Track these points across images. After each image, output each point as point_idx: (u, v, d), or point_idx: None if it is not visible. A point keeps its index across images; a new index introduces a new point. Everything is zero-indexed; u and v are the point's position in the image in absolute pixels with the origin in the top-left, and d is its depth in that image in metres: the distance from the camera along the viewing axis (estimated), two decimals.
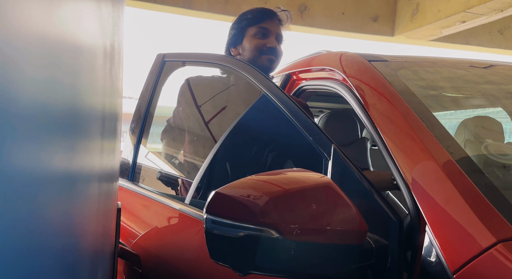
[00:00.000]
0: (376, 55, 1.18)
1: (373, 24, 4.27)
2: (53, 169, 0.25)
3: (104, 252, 0.69)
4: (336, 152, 0.77)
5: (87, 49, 0.31)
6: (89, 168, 0.44)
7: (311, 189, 0.64)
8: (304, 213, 0.62)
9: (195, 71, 1.49)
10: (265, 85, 1.00)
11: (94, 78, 0.36)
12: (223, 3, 3.54)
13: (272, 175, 0.70)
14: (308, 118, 0.87)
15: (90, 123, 0.43)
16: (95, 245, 0.56)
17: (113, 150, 0.77)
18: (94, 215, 0.53)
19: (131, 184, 1.34)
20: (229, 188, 0.64)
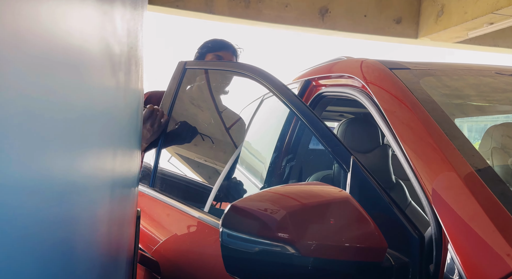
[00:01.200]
0: (398, 63, 1.16)
1: (396, 26, 4.19)
2: (69, 173, 0.26)
3: (123, 258, 0.70)
4: (356, 164, 0.76)
5: (109, 52, 0.32)
6: (106, 173, 0.44)
7: (329, 204, 0.64)
8: (321, 229, 0.62)
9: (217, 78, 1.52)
10: (284, 94, 1.00)
11: (114, 81, 0.37)
12: (244, 8, 3.56)
13: (289, 188, 0.70)
14: (327, 128, 0.87)
15: (109, 127, 0.44)
16: (113, 251, 0.57)
17: (132, 155, 0.78)
18: (112, 221, 0.54)
19: (152, 190, 1.36)
20: (245, 201, 0.64)
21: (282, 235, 0.60)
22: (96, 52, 0.32)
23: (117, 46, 0.47)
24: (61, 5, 0.15)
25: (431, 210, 0.65)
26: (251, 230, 0.60)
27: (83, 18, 0.23)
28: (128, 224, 0.76)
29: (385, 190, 0.70)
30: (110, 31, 0.39)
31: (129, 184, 0.74)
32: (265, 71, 1.13)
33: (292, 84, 1.72)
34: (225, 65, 1.33)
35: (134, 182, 0.86)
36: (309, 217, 0.62)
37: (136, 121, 0.67)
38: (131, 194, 0.78)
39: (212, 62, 1.45)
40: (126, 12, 0.40)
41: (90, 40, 0.20)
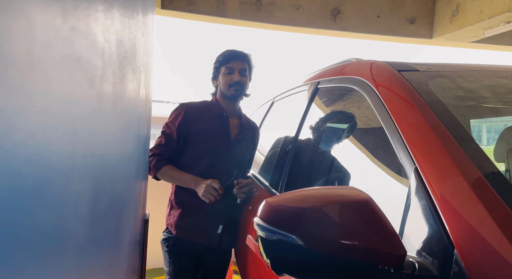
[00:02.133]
0: (407, 64, 1.15)
1: (410, 26, 4.13)
2: (74, 177, 0.26)
3: (131, 260, 0.71)
4: (416, 171, 0.75)
5: (118, 56, 0.33)
6: (112, 177, 0.45)
7: (348, 205, 0.66)
8: (335, 228, 0.64)
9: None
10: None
11: (123, 83, 0.38)
12: (255, 10, 3.57)
13: (316, 190, 0.74)
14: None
15: (128, 125, 0.45)
16: (121, 254, 0.58)
17: (139, 159, 0.79)
18: (119, 224, 0.55)
19: None
20: (276, 198, 0.71)
21: (296, 230, 0.65)
22: (106, 56, 0.33)
23: (132, 50, 0.48)
24: (66, 12, 0.15)
25: (436, 215, 0.64)
26: (275, 222, 0.67)
27: (86, 25, 0.24)
28: (134, 227, 0.78)
29: (431, 198, 0.69)
30: (122, 35, 0.40)
31: (137, 188, 0.75)
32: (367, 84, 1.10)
33: (302, 86, 1.72)
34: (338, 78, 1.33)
35: (141, 187, 0.87)
36: (326, 216, 0.64)
37: (142, 126, 0.69)
38: (139, 198, 0.79)
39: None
40: (132, 18, 0.41)
41: (92, 47, 0.21)
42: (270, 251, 0.69)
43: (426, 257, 0.64)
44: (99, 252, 0.37)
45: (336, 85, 1.35)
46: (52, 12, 0.13)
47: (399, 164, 0.80)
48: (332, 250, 0.64)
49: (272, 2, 3.63)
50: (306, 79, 1.74)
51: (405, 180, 0.78)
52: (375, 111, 0.99)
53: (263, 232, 0.69)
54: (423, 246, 0.66)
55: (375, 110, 0.99)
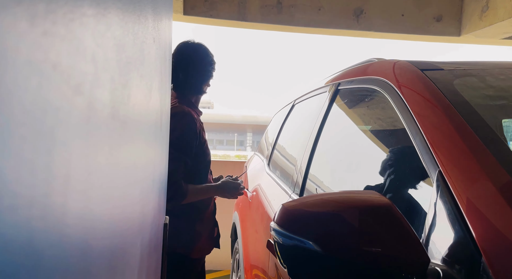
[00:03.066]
0: (431, 63, 1.11)
1: (436, 24, 4.01)
2: (92, 179, 0.26)
3: (150, 265, 0.72)
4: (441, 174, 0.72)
5: (119, 62, 0.33)
6: (132, 181, 0.46)
7: (369, 210, 0.64)
8: (354, 234, 0.63)
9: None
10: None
11: (126, 89, 0.38)
12: (276, 13, 3.57)
13: (335, 194, 0.73)
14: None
15: (137, 136, 0.45)
16: (140, 258, 0.58)
17: (159, 162, 0.80)
18: (138, 227, 0.55)
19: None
20: (293, 202, 0.70)
21: (312, 236, 0.64)
22: (126, 62, 0.33)
23: (149, 55, 0.48)
24: (37, 16, 0.15)
25: (461, 220, 0.61)
26: (291, 228, 0.66)
27: (66, 30, 0.24)
28: (156, 231, 0.78)
29: (456, 203, 0.66)
30: (140, 42, 0.40)
31: (156, 192, 0.76)
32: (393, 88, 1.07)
33: (322, 88, 1.70)
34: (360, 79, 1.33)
35: (161, 190, 0.88)
36: (344, 221, 0.64)
37: (159, 129, 0.69)
38: (156, 202, 0.79)
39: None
40: (138, 23, 0.41)
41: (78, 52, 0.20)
42: (287, 257, 0.68)
43: (451, 265, 0.61)
44: (116, 256, 0.37)
45: (357, 86, 1.32)
46: (19, 16, 0.13)
47: (422, 167, 0.77)
48: (351, 256, 0.63)
49: (293, 4, 3.61)
50: (327, 80, 1.71)
51: (428, 184, 0.74)
52: (397, 113, 0.96)
53: (280, 237, 0.68)
54: (448, 253, 0.63)
55: (397, 111, 0.96)
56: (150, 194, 0.67)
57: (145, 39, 0.43)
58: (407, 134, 0.87)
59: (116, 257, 0.35)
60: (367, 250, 0.62)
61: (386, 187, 0.90)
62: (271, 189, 1.84)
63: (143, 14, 0.41)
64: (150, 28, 0.47)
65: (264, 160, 2.43)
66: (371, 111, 1.28)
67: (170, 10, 0.89)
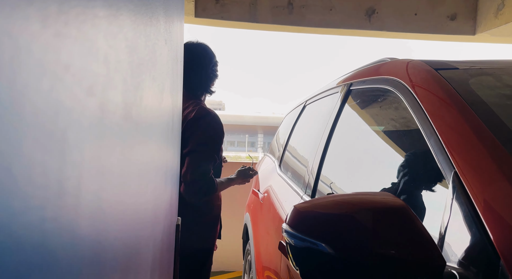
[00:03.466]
0: (445, 62, 1.09)
1: (450, 23, 3.94)
2: (106, 180, 0.26)
3: (162, 266, 0.72)
4: (456, 175, 0.71)
5: (131, 64, 0.33)
6: (144, 181, 0.46)
7: (382, 212, 0.63)
8: (367, 236, 0.62)
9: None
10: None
11: (138, 90, 0.38)
12: (287, 14, 3.56)
13: (348, 196, 0.72)
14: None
15: (147, 138, 0.46)
16: (152, 259, 0.58)
17: (171, 164, 0.80)
18: (151, 230, 0.55)
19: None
20: (305, 204, 0.70)
21: (326, 237, 0.64)
22: (138, 65, 0.33)
23: (161, 57, 0.48)
24: (50, 17, 0.15)
25: (478, 222, 0.59)
26: (303, 229, 0.66)
27: (114, 34, 0.24)
28: (168, 232, 0.79)
29: (473, 204, 0.65)
30: (152, 43, 0.41)
31: (168, 193, 0.76)
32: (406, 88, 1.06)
33: (334, 88, 1.69)
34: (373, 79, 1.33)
35: (173, 192, 0.88)
36: (357, 223, 0.63)
37: (168, 129, 0.69)
38: (168, 204, 0.80)
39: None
40: (150, 25, 0.41)
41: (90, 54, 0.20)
42: (299, 259, 0.67)
43: (468, 268, 0.60)
44: (129, 257, 0.37)
45: (370, 86, 1.30)
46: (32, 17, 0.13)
47: (437, 168, 0.75)
48: (365, 259, 0.62)
49: (304, 5, 3.60)
50: (339, 81, 1.70)
51: (443, 185, 0.73)
52: (411, 113, 0.95)
53: (292, 239, 0.67)
54: (465, 256, 0.61)
55: (411, 111, 0.95)
56: (163, 195, 0.67)
57: (157, 41, 0.43)
58: (421, 135, 0.85)
59: (128, 258, 0.36)
60: (381, 252, 0.61)
61: (400, 189, 0.89)
62: (282, 190, 1.83)
63: (155, 16, 0.41)
64: (162, 30, 0.48)
65: (275, 161, 2.42)
66: (384, 111, 1.26)
67: (181, 12, 0.90)
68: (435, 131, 0.81)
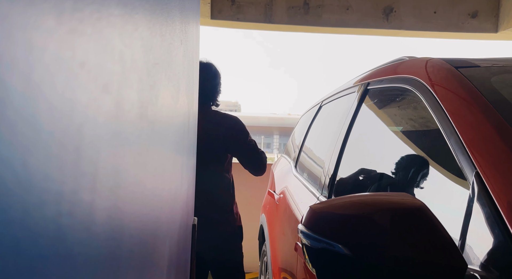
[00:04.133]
0: (466, 60, 1.06)
1: (471, 21, 3.85)
2: (121, 179, 0.27)
3: (179, 267, 0.72)
4: (478, 176, 0.69)
5: (146, 63, 0.34)
6: (159, 182, 0.46)
7: (401, 213, 0.62)
8: (385, 237, 0.61)
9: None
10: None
11: (154, 90, 0.39)
12: (303, 14, 3.54)
13: (365, 196, 0.71)
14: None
15: (165, 137, 0.46)
16: (168, 260, 0.59)
17: (186, 164, 0.81)
18: (167, 229, 0.56)
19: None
20: (321, 204, 0.69)
21: (343, 239, 0.63)
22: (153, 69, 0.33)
23: (176, 60, 0.49)
24: (66, 13, 0.15)
25: (502, 224, 0.57)
26: (320, 230, 0.65)
27: (129, 33, 0.24)
28: (185, 232, 0.79)
29: (496, 206, 0.63)
30: (168, 45, 0.41)
31: (184, 192, 0.77)
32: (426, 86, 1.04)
33: (351, 88, 1.67)
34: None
35: (189, 191, 0.89)
36: (379, 225, 0.62)
37: (183, 129, 0.70)
38: (185, 204, 0.80)
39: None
40: (166, 25, 0.42)
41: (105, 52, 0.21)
42: (316, 260, 0.67)
43: (491, 271, 0.58)
44: (145, 256, 0.38)
45: (388, 86, 1.28)
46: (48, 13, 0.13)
47: (458, 169, 0.73)
48: (383, 261, 0.61)
49: (320, 5, 3.57)
50: (355, 80, 1.68)
51: (464, 186, 0.71)
52: (430, 112, 0.92)
53: (308, 240, 0.67)
54: (487, 259, 0.59)
55: (431, 111, 0.93)
56: (178, 194, 0.67)
57: (173, 41, 0.43)
58: (441, 135, 0.83)
59: (144, 257, 0.36)
60: (399, 254, 0.60)
61: (418, 189, 0.87)
62: (298, 191, 1.82)
63: (171, 17, 0.41)
64: (178, 30, 0.48)
65: (291, 162, 2.41)
66: (402, 111, 1.24)
67: (197, 14, 0.90)
68: (456, 131, 0.79)
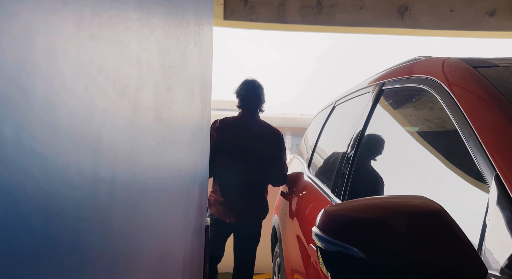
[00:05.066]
0: (485, 60, 1.04)
1: (489, 19, 3.76)
2: (136, 183, 0.27)
3: (193, 267, 0.73)
4: (498, 178, 0.68)
5: (162, 66, 0.34)
6: (174, 185, 0.46)
7: (418, 216, 0.61)
8: (402, 241, 0.60)
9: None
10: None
11: (169, 92, 0.39)
12: (316, 14, 3.52)
13: (381, 199, 0.70)
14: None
15: (179, 140, 0.46)
16: (182, 260, 0.59)
17: (200, 168, 0.81)
18: (181, 231, 0.56)
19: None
20: (336, 207, 0.68)
21: (359, 243, 0.62)
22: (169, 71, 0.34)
23: (191, 62, 0.49)
24: (84, 19, 0.15)
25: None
26: (334, 233, 0.64)
27: (146, 37, 0.24)
28: (198, 233, 0.79)
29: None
30: (159, 45, 0.41)
31: (197, 194, 0.77)
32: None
33: (365, 88, 1.65)
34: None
35: (202, 193, 0.89)
36: (392, 228, 0.60)
37: (197, 131, 0.70)
38: (199, 205, 0.80)
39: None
40: (181, 28, 0.42)
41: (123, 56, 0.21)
42: (330, 263, 0.66)
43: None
44: (160, 258, 0.38)
45: (403, 86, 1.26)
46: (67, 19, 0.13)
47: (477, 171, 0.72)
48: (400, 265, 0.60)
49: (334, 4, 3.55)
50: (370, 80, 1.66)
51: (483, 189, 0.69)
52: (448, 113, 0.91)
53: (322, 243, 0.66)
54: (508, 263, 0.58)
55: (448, 111, 0.91)
56: (192, 196, 0.67)
57: (187, 44, 0.43)
58: (459, 136, 0.81)
59: (160, 259, 0.36)
60: (416, 259, 0.58)
61: (436, 192, 0.85)
62: (311, 192, 1.81)
63: (185, 19, 0.41)
64: (192, 33, 0.48)
65: (304, 162, 2.40)
66: (418, 111, 1.22)
67: (211, 15, 0.90)
68: (474, 132, 0.78)
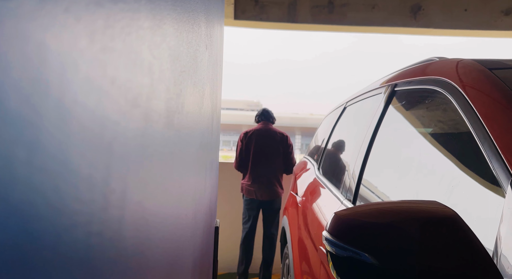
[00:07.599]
0: (501, 61, 1.01)
1: (504, 18, 3.69)
2: (141, 184, 0.27)
3: (202, 270, 0.73)
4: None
5: (173, 72, 0.34)
6: (186, 187, 0.46)
7: (431, 222, 0.60)
8: (414, 247, 0.59)
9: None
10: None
11: (180, 98, 0.39)
12: (327, 13, 3.50)
13: (393, 204, 0.69)
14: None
15: (190, 144, 0.46)
16: (190, 262, 0.59)
17: (207, 166, 0.81)
18: (192, 235, 0.56)
19: None
20: (346, 211, 0.67)
21: (369, 248, 0.61)
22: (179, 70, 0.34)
23: (201, 61, 0.49)
24: (97, 31, 0.15)
25: None
26: (344, 238, 0.64)
27: (157, 44, 0.24)
28: (208, 235, 0.79)
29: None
30: (193, 47, 0.41)
31: (208, 196, 0.77)
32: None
33: (377, 89, 1.63)
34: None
35: (212, 194, 0.89)
36: (408, 234, 0.60)
37: (207, 134, 0.70)
38: (208, 207, 0.80)
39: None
40: (192, 32, 0.42)
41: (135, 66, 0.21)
42: (341, 268, 0.65)
43: None
44: (171, 264, 0.38)
45: (416, 87, 1.24)
46: (80, 31, 0.13)
47: (492, 175, 0.70)
48: (412, 272, 0.59)
49: (345, 3, 3.52)
50: (382, 81, 1.64)
51: (499, 193, 0.67)
52: (462, 115, 0.89)
53: (333, 248, 0.65)
54: None
55: (462, 113, 0.89)
56: (202, 199, 0.67)
57: (198, 47, 0.43)
58: (473, 138, 0.80)
59: (171, 266, 0.36)
60: (429, 265, 0.57)
61: (450, 196, 0.84)
62: (321, 194, 1.80)
63: (197, 22, 0.41)
64: (203, 36, 0.48)
65: (314, 163, 2.39)
66: (431, 113, 1.20)
67: (221, 16, 0.90)
68: (489, 135, 0.76)
